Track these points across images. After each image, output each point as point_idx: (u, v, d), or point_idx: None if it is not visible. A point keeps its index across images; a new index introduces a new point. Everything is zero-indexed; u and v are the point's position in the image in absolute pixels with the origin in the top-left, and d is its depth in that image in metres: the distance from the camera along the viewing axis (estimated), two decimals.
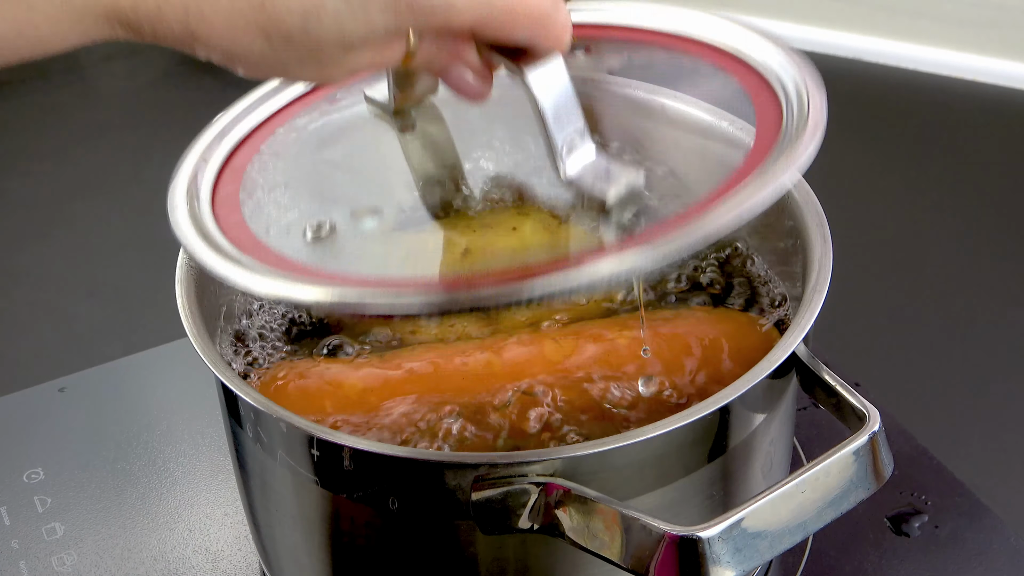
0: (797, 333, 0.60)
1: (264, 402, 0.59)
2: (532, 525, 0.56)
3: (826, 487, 0.55)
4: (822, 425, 0.81)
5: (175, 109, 1.94)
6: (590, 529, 0.54)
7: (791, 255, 0.68)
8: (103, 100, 2.08)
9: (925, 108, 1.59)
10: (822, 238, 0.65)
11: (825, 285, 0.62)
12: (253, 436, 0.62)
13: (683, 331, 0.67)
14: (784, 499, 0.54)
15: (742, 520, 0.53)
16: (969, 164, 1.48)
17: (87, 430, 0.86)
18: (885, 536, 0.76)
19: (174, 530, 0.79)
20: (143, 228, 1.72)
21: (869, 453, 0.56)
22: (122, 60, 2.15)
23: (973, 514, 0.77)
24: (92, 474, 0.83)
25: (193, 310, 0.64)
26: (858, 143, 1.52)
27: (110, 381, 0.91)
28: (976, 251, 1.34)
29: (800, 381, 0.62)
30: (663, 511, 0.54)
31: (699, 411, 0.57)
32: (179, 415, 0.87)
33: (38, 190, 1.86)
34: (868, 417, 0.57)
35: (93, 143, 1.96)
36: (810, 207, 0.67)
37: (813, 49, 1.65)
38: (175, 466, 0.84)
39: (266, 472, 0.64)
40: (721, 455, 0.60)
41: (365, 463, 0.58)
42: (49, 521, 0.80)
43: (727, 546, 0.52)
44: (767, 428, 0.62)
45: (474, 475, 0.56)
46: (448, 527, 0.59)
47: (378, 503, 0.59)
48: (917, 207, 1.42)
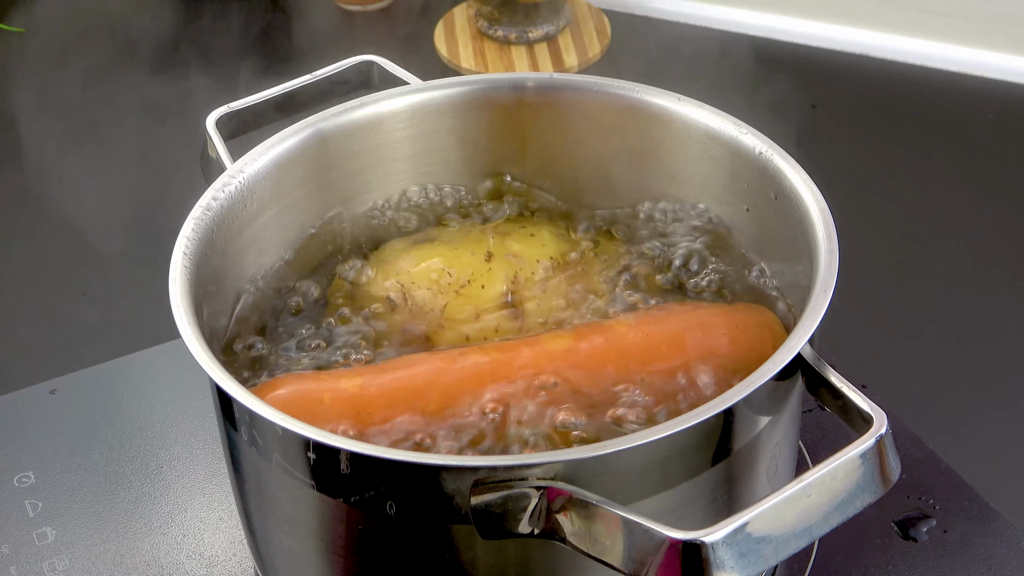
0: (802, 334, 0.60)
1: (259, 404, 0.59)
2: (532, 530, 0.56)
3: (832, 491, 0.55)
4: (828, 428, 0.82)
5: (168, 104, 1.94)
6: (591, 534, 0.54)
7: (797, 254, 0.68)
8: (95, 96, 2.07)
9: (934, 105, 1.58)
10: (828, 236, 0.65)
11: (831, 285, 0.62)
12: (248, 439, 0.62)
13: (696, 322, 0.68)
14: (789, 503, 0.54)
15: (746, 525, 0.53)
16: (980, 162, 1.48)
17: (79, 433, 0.86)
18: (892, 541, 0.76)
19: (168, 535, 0.79)
20: (136, 227, 1.72)
21: (876, 456, 0.56)
22: (116, 61, 2.15)
23: (982, 518, 0.77)
24: (84, 478, 0.83)
25: (187, 311, 0.64)
26: (866, 140, 1.52)
27: (102, 383, 0.91)
28: (987, 250, 1.33)
29: (805, 383, 0.62)
30: (666, 515, 0.54)
31: (703, 413, 0.57)
32: (173, 418, 0.87)
33: (27, 187, 1.86)
34: (875, 419, 0.57)
35: (85, 141, 1.96)
36: (816, 204, 0.67)
37: (820, 45, 1.65)
38: (169, 470, 0.84)
39: (261, 476, 0.64)
40: (725, 458, 0.60)
41: (362, 466, 0.58)
42: (40, 526, 0.80)
43: (731, 551, 0.52)
44: (772, 431, 0.62)
45: (473, 479, 0.56)
46: (447, 532, 0.59)
47: (375, 507, 0.59)
48: (926, 205, 1.42)
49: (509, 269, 0.74)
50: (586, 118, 0.78)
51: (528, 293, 0.73)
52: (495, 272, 0.73)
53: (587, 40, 1.71)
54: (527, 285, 0.73)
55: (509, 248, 0.75)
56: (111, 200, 1.79)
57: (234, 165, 0.73)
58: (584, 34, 1.72)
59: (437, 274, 0.73)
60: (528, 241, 0.76)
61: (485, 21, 1.70)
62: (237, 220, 0.72)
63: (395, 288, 0.73)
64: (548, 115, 0.79)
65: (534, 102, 0.79)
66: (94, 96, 2.06)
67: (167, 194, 1.65)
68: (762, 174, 0.71)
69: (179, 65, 2.08)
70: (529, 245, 0.75)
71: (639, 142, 0.77)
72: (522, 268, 0.74)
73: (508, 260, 0.74)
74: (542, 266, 0.74)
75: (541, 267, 0.74)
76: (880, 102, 1.59)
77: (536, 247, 0.75)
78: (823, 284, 0.62)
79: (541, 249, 0.75)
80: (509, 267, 0.74)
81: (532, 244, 0.75)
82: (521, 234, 0.76)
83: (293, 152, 0.75)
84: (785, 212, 0.69)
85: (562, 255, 0.75)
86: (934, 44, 1.64)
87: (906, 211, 1.41)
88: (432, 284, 0.73)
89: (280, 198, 0.75)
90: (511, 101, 0.79)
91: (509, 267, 0.74)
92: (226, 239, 0.71)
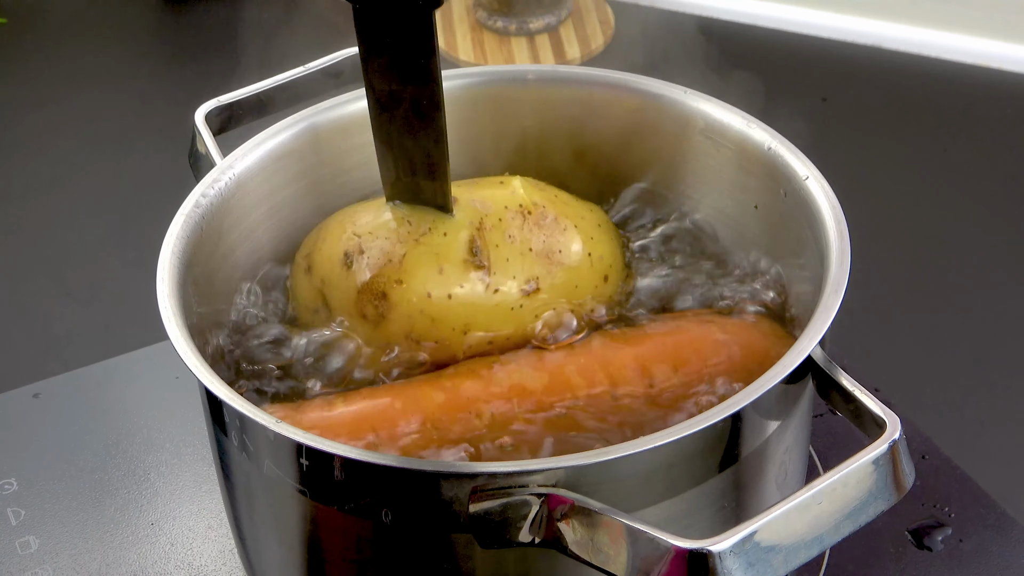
0: (813, 335, 0.60)
1: (250, 408, 0.59)
2: (533, 538, 0.56)
3: (844, 498, 0.55)
4: (839, 433, 0.82)
5: (154, 101, 1.95)
6: (594, 543, 0.54)
7: (807, 252, 0.68)
8: (80, 89, 2.08)
9: (950, 99, 1.59)
10: (839, 234, 0.65)
11: (843, 284, 0.62)
12: (239, 444, 0.62)
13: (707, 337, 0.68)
14: (799, 511, 0.54)
15: (755, 533, 0.53)
16: (997, 159, 1.48)
17: (63, 438, 0.86)
18: (906, 550, 0.76)
19: (155, 544, 0.79)
20: (123, 224, 1.72)
21: (889, 462, 0.56)
22: (108, 60, 2.15)
23: (999, 527, 0.77)
24: (68, 485, 0.83)
25: (175, 311, 0.64)
26: (878, 135, 1.52)
27: (87, 386, 0.91)
28: (1006, 249, 1.34)
29: (816, 386, 0.62)
30: (671, 524, 0.54)
31: (710, 418, 0.57)
32: (160, 422, 0.87)
33: (9, 184, 1.86)
34: (888, 424, 0.57)
35: (69, 135, 1.96)
36: (827, 201, 0.67)
37: (830, 36, 1.65)
38: (156, 476, 0.84)
39: (252, 482, 0.64)
40: (733, 464, 0.60)
41: (357, 473, 0.58)
42: (23, 534, 0.80)
43: (739, 561, 0.52)
44: (781, 436, 0.62)
45: (472, 486, 0.56)
46: (444, 541, 0.59)
47: (370, 515, 0.59)
48: (941, 203, 1.42)
49: (475, 215, 0.70)
50: (589, 111, 0.78)
51: (495, 242, 0.70)
52: (459, 219, 0.70)
53: (590, 31, 1.71)
54: (494, 233, 0.70)
55: (475, 194, 0.72)
56: (96, 197, 1.80)
57: (224, 160, 0.73)
58: (587, 25, 1.72)
59: (397, 222, 0.70)
60: (497, 187, 0.73)
61: (484, 11, 1.70)
62: (228, 217, 0.72)
63: (351, 242, 0.70)
64: (549, 108, 0.79)
65: (535, 95, 0.79)
66: (78, 88, 2.07)
67: (155, 190, 1.65)
68: (771, 170, 0.71)
69: (167, 57, 2.08)
70: (498, 190, 0.72)
71: (644, 136, 0.77)
72: (488, 215, 0.71)
73: (474, 206, 0.71)
74: (510, 213, 0.71)
75: (509, 214, 0.71)
76: (893, 95, 1.59)
77: (505, 193, 0.72)
78: (834, 284, 0.62)
79: (511, 196, 0.72)
80: (475, 213, 0.70)
81: (501, 190, 0.72)
82: (491, 182, 0.74)
83: (285, 147, 0.75)
84: (795, 209, 0.69)
85: (533, 203, 0.72)
86: (950, 35, 1.64)
87: (920, 209, 1.41)
88: (391, 234, 0.70)
89: (272, 195, 0.75)
90: (511, 94, 0.79)
91: (475, 213, 0.70)
92: (216, 237, 0.71)
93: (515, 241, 0.70)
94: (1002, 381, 1.17)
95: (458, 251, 0.69)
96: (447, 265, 0.69)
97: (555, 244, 0.71)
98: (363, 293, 0.69)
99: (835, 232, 0.65)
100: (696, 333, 0.69)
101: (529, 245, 0.70)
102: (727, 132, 0.74)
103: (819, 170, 0.69)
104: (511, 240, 0.70)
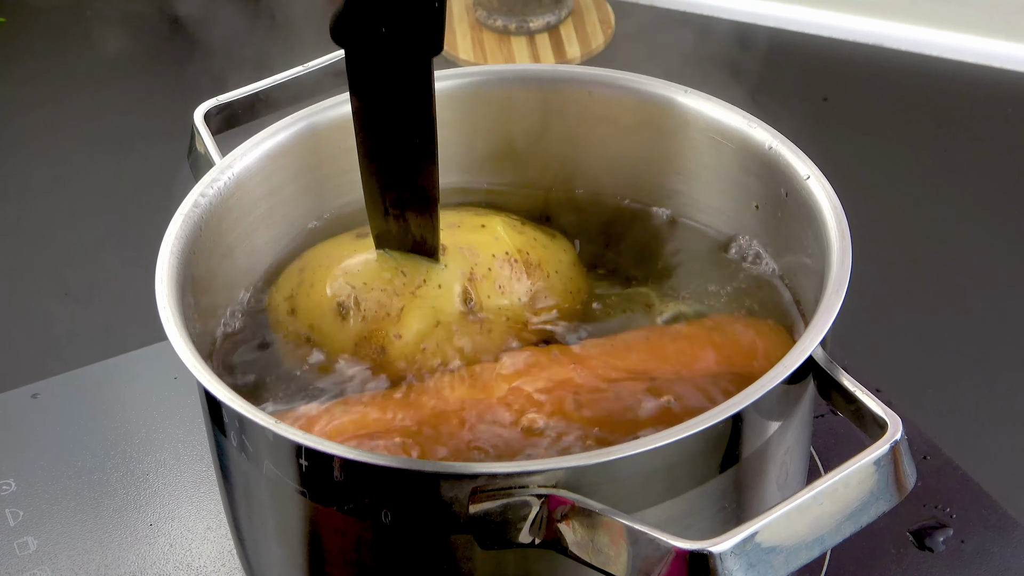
0: (814, 336, 0.60)
1: (250, 409, 0.59)
2: (533, 539, 0.56)
3: (845, 499, 0.55)
4: (841, 433, 0.82)
5: (154, 101, 1.95)
6: (594, 544, 0.54)
7: (808, 252, 0.68)
8: (79, 88, 2.08)
9: (951, 98, 1.59)
10: (840, 234, 0.65)
11: (844, 284, 0.62)
12: (238, 445, 0.62)
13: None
14: (800, 512, 0.54)
15: (756, 534, 0.53)
16: (998, 158, 1.48)
17: (62, 439, 0.86)
18: (908, 551, 0.76)
19: (154, 545, 0.79)
20: (122, 224, 1.72)
21: (891, 463, 0.56)
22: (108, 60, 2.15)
23: (1001, 528, 0.77)
24: (67, 485, 0.83)
25: (174, 311, 0.64)
26: (879, 135, 1.52)
27: (86, 387, 0.91)
28: (1008, 248, 1.34)
29: (817, 386, 0.62)
30: (672, 524, 0.54)
31: (710, 418, 0.57)
32: (160, 423, 0.87)
33: (8, 183, 1.87)
34: (889, 425, 0.57)
35: (69, 135, 1.96)
36: (828, 201, 0.67)
37: (831, 35, 1.65)
38: (155, 477, 0.84)
39: (251, 483, 0.64)
40: (734, 465, 0.60)
41: (356, 474, 0.58)
42: (21, 535, 0.80)
43: (740, 562, 0.52)
44: (782, 436, 0.62)
45: (472, 486, 0.56)
46: (444, 541, 0.59)
47: (370, 516, 0.59)
48: (942, 202, 1.42)
49: (464, 265, 0.71)
50: (589, 111, 0.78)
51: (487, 293, 0.71)
52: (451, 269, 0.71)
53: (590, 30, 1.71)
54: (485, 284, 0.71)
55: (460, 240, 0.72)
56: (95, 196, 1.80)
57: (223, 160, 0.73)
58: (587, 24, 1.72)
59: (390, 272, 0.70)
60: (479, 231, 0.73)
61: (483, 10, 1.70)
62: (227, 217, 0.72)
63: (344, 291, 0.71)
64: (549, 108, 0.79)
65: (535, 95, 0.79)
66: (78, 88, 2.07)
67: (154, 190, 1.65)
68: (772, 170, 0.71)
69: (167, 57, 2.08)
70: (481, 235, 0.73)
71: (644, 136, 0.77)
72: (477, 264, 0.71)
73: (462, 254, 0.71)
74: (498, 262, 0.72)
75: (497, 263, 0.72)
76: (894, 95, 1.59)
77: (489, 239, 0.73)
78: (835, 284, 0.62)
79: (495, 243, 0.72)
80: (464, 262, 0.71)
81: (484, 235, 0.73)
82: (472, 224, 0.74)
83: (285, 147, 0.75)
84: (796, 209, 0.69)
85: (517, 250, 0.73)
86: (950, 34, 1.64)
87: (922, 208, 1.41)
88: (386, 285, 0.70)
89: (271, 195, 0.75)
90: (511, 94, 0.79)
91: (464, 262, 0.71)
92: (215, 237, 0.71)
93: (505, 292, 0.72)
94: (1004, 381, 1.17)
95: (453, 303, 0.70)
96: (444, 319, 0.70)
97: (540, 291, 0.72)
98: (360, 345, 0.70)
99: (836, 232, 0.65)
100: (697, 334, 0.69)
101: (518, 296, 0.72)
102: (728, 131, 0.74)
103: (820, 170, 0.69)
104: (501, 291, 0.71)
